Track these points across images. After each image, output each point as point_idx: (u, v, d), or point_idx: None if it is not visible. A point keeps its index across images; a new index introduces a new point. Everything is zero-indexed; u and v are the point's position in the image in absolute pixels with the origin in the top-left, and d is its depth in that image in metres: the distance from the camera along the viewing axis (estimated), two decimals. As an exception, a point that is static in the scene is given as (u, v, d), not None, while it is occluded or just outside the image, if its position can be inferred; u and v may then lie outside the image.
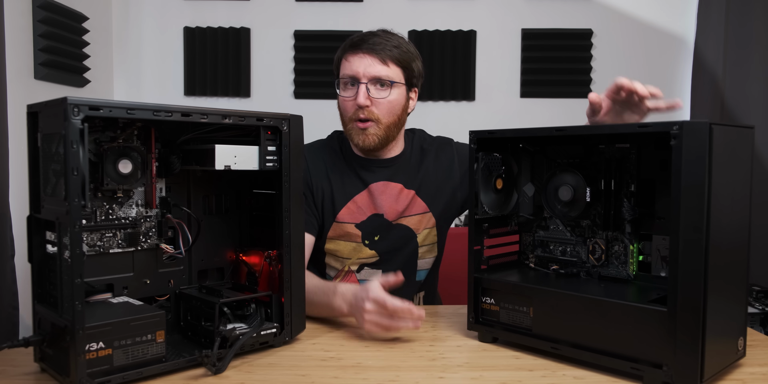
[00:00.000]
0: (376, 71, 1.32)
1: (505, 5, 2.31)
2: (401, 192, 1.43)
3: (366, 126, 1.33)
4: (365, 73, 1.31)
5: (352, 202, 1.40)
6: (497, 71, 2.33)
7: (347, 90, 1.34)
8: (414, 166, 1.45)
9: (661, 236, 1.00)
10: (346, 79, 1.34)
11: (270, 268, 1.07)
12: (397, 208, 1.40)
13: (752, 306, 1.93)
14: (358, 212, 1.40)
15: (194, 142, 1.02)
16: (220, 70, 2.31)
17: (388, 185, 1.42)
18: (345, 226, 1.39)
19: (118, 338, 0.85)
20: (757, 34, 2.13)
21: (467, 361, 0.98)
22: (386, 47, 1.33)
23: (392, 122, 1.35)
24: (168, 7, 2.31)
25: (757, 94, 2.14)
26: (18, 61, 1.64)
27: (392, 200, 1.41)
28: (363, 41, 1.33)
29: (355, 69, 1.32)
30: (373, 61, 1.32)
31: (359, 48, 1.33)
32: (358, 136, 1.34)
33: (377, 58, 1.32)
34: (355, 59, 1.33)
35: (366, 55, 1.32)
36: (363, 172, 1.42)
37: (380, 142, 1.35)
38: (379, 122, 1.33)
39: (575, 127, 0.96)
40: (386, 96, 1.33)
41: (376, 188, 1.41)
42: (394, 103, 1.35)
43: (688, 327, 0.81)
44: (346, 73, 1.34)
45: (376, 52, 1.32)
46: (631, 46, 2.32)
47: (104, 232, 0.98)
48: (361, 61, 1.32)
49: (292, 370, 0.94)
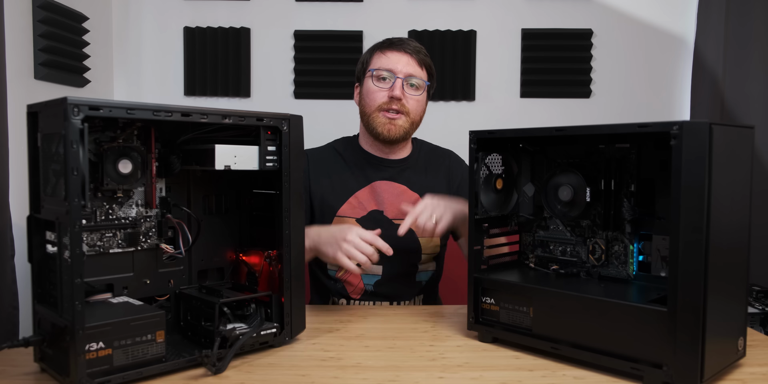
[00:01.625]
0: (414, 71, 1.39)
1: (505, 5, 2.31)
2: (404, 193, 1.44)
3: (396, 117, 1.38)
4: (404, 69, 1.38)
5: (354, 197, 1.42)
6: (497, 71, 2.33)
7: (380, 82, 1.39)
8: (420, 171, 1.48)
9: (661, 236, 1.00)
10: (382, 71, 1.38)
11: (270, 268, 1.07)
12: (398, 206, 1.42)
13: (752, 306, 1.93)
14: (359, 207, 1.42)
15: (194, 142, 1.02)
16: (220, 70, 2.31)
17: (392, 185, 1.45)
18: (346, 221, 1.41)
19: (118, 338, 0.85)
20: (757, 34, 2.13)
21: (467, 361, 0.98)
22: (422, 53, 1.42)
23: (416, 121, 1.43)
24: (168, 7, 2.31)
25: (757, 94, 2.14)
26: (18, 61, 1.64)
27: (394, 198, 1.43)
28: (402, 42, 1.41)
29: (394, 63, 1.38)
30: (411, 60, 1.39)
31: (399, 47, 1.40)
32: (384, 126, 1.38)
33: (415, 60, 1.40)
34: (394, 55, 1.39)
35: (405, 54, 1.39)
36: (369, 169, 1.45)
37: (403, 135, 1.41)
38: (408, 116, 1.39)
39: (575, 127, 0.96)
40: (418, 95, 1.40)
41: (379, 185, 1.44)
42: (422, 103, 1.43)
43: (688, 327, 0.81)
44: (383, 65, 1.39)
45: (414, 54, 1.40)
46: (631, 46, 2.31)
47: (104, 232, 0.98)
48: (400, 58, 1.39)
49: (292, 370, 0.94)
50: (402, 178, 1.46)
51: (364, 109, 1.42)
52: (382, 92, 1.38)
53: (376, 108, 1.39)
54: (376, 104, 1.38)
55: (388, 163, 1.46)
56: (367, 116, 1.41)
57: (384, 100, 1.37)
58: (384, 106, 1.38)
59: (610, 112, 2.32)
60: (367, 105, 1.41)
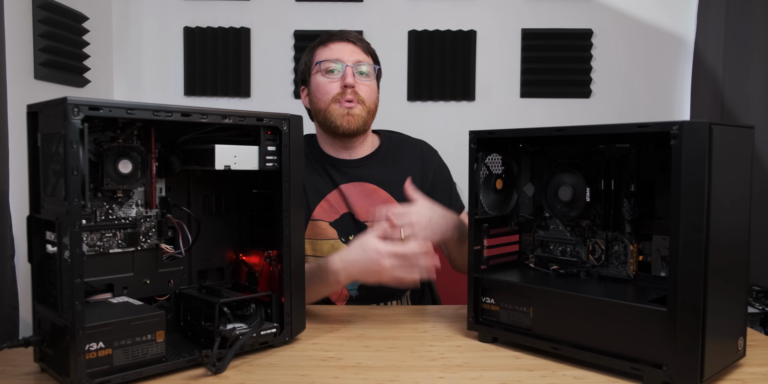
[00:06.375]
0: (361, 57, 1.38)
1: (505, 5, 2.31)
2: (374, 192, 1.41)
3: (352, 106, 1.35)
4: (350, 57, 1.36)
5: (325, 200, 1.40)
6: (497, 71, 2.33)
7: (329, 74, 1.36)
8: (388, 165, 1.45)
9: (661, 236, 1.00)
10: (330, 63, 1.36)
11: (270, 268, 1.07)
12: (368, 209, 1.39)
13: (752, 306, 1.93)
14: (331, 210, 1.40)
15: (194, 142, 1.02)
16: (220, 70, 2.31)
17: (360, 185, 1.41)
18: (320, 224, 1.40)
19: (118, 338, 0.85)
20: (757, 34, 2.13)
21: (467, 361, 0.98)
22: (364, 41, 1.41)
23: (372, 109, 1.40)
24: (168, 7, 2.31)
25: (757, 94, 2.14)
26: (18, 61, 1.64)
27: (363, 200, 1.40)
28: (342, 32, 1.40)
29: (339, 53, 1.37)
30: (356, 48, 1.38)
31: (340, 37, 1.39)
32: (342, 118, 1.35)
33: (360, 47, 1.39)
34: (337, 46, 1.38)
35: (349, 43, 1.38)
36: (333, 172, 1.42)
37: (362, 125, 1.37)
38: (363, 104, 1.36)
39: (575, 127, 0.96)
40: (369, 81, 1.39)
41: (345, 189, 1.41)
42: (374, 90, 1.41)
43: (688, 327, 0.81)
44: (329, 56, 1.37)
45: (358, 42, 1.39)
46: (631, 46, 2.32)
47: (104, 232, 0.98)
48: (344, 47, 1.38)
49: (292, 370, 0.94)
50: (369, 178, 1.41)
51: (318, 104, 1.38)
52: (334, 83, 1.35)
53: (331, 100, 1.35)
54: (330, 96, 1.35)
55: (351, 163, 1.42)
56: (323, 112, 1.36)
57: (337, 90, 1.34)
58: (338, 96, 1.34)
59: (610, 112, 2.32)
60: (320, 100, 1.37)
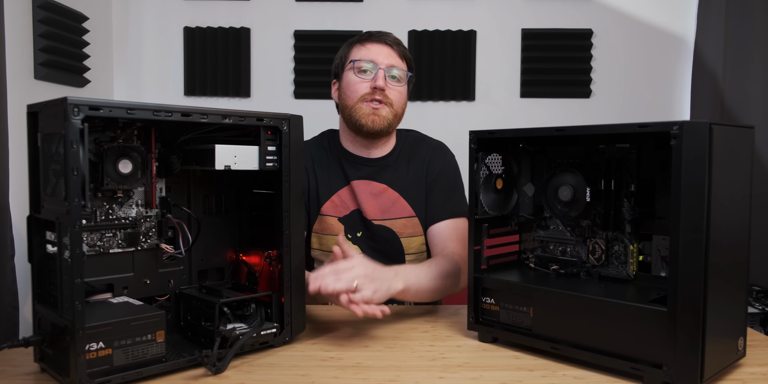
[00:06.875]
0: (395, 62, 1.38)
1: (505, 5, 2.31)
2: (384, 192, 1.42)
3: (380, 107, 1.35)
4: (385, 60, 1.36)
5: (336, 195, 1.41)
6: (497, 71, 2.33)
7: (362, 74, 1.37)
8: (401, 166, 1.45)
9: (661, 236, 1.00)
10: (363, 63, 1.37)
11: (270, 268, 1.07)
12: (376, 208, 1.40)
13: (752, 306, 1.93)
14: (341, 206, 1.41)
15: (194, 142, 1.02)
16: (220, 70, 2.31)
17: (370, 184, 1.42)
18: (328, 219, 1.40)
19: (118, 338, 0.85)
20: (757, 34, 2.13)
21: (467, 361, 0.98)
22: (401, 45, 1.41)
23: (399, 113, 1.40)
24: (168, 7, 2.31)
25: (757, 94, 2.14)
26: (18, 61, 1.64)
27: (372, 199, 1.40)
28: (381, 34, 1.40)
29: (375, 54, 1.37)
30: (392, 52, 1.38)
31: (379, 38, 1.39)
32: (368, 117, 1.35)
33: (396, 51, 1.39)
34: (374, 47, 1.38)
35: (386, 45, 1.38)
36: (348, 168, 1.43)
37: (387, 127, 1.37)
38: (391, 107, 1.37)
39: (575, 127, 0.96)
40: (400, 86, 1.39)
41: (357, 185, 1.41)
42: (404, 95, 1.41)
43: (688, 327, 0.81)
44: (364, 56, 1.37)
45: (395, 45, 1.39)
46: (631, 46, 2.32)
47: (104, 232, 0.98)
48: (381, 49, 1.38)
49: (292, 370, 0.94)
50: (381, 177, 1.42)
51: (346, 101, 1.38)
52: (365, 83, 1.35)
53: (359, 99, 1.35)
54: (358, 95, 1.35)
55: (366, 161, 1.42)
56: (349, 109, 1.37)
57: (366, 90, 1.34)
58: (367, 96, 1.35)
59: (610, 112, 2.32)
60: (348, 97, 1.37)
